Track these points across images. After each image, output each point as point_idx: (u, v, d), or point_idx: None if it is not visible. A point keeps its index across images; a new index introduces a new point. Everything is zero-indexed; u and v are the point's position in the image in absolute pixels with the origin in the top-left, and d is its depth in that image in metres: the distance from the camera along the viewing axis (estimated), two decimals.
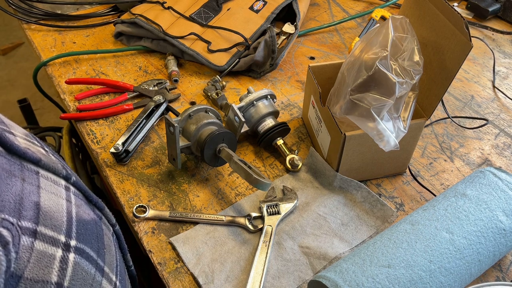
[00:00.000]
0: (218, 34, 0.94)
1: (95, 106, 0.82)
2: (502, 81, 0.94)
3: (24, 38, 0.93)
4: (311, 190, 0.69)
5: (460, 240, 0.52)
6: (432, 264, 0.50)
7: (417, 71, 0.58)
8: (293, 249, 0.61)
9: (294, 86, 0.90)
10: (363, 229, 0.64)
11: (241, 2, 1.02)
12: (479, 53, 1.02)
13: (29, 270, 0.30)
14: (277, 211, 0.64)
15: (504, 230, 0.54)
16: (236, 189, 0.69)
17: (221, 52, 0.91)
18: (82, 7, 1.08)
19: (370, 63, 0.59)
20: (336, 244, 0.61)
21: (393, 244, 0.52)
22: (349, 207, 0.66)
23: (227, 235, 0.62)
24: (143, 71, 0.92)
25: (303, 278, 0.58)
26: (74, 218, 0.37)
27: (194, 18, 0.97)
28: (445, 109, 0.81)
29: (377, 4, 1.17)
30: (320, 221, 0.64)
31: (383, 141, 0.58)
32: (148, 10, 0.97)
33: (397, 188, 0.70)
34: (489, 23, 1.11)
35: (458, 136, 0.80)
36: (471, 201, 0.56)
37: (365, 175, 0.70)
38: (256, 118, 0.74)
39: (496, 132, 0.81)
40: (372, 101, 0.58)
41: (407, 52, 0.58)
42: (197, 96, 0.87)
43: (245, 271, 0.58)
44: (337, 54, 1.00)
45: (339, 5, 1.18)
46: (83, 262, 0.36)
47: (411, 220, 0.55)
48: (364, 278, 0.48)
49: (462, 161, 0.75)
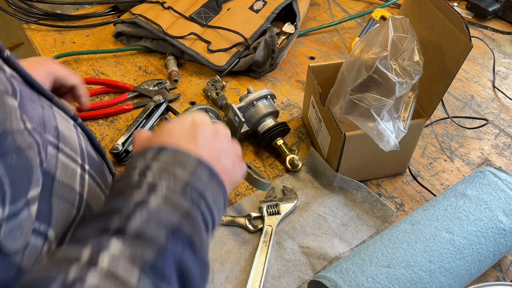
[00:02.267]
0: (218, 34, 0.94)
1: (95, 106, 0.82)
2: (502, 81, 0.94)
3: (24, 38, 0.93)
4: (311, 190, 0.69)
5: (460, 240, 0.52)
6: (432, 264, 0.50)
7: (417, 71, 0.58)
8: (293, 249, 0.61)
9: (294, 86, 0.90)
10: (363, 229, 0.64)
11: (241, 2, 1.02)
12: (479, 53, 1.02)
13: (58, 174, 0.36)
14: (277, 211, 0.64)
15: (504, 230, 0.54)
16: (236, 189, 0.69)
17: (221, 52, 0.91)
18: (82, 7, 1.08)
19: (370, 63, 0.58)
20: (336, 244, 0.61)
21: (393, 244, 0.52)
22: (349, 207, 0.66)
23: (227, 235, 0.62)
24: (143, 71, 0.92)
25: (303, 278, 0.58)
26: (85, 149, 0.42)
27: (194, 18, 0.97)
28: (445, 109, 0.81)
29: (377, 4, 1.17)
30: (320, 221, 0.64)
31: (383, 141, 0.58)
32: (148, 10, 0.97)
33: (397, 188, 0.70)
34: (489, 23, 1.11)
35: (458, 136, 0.80)
36: (471, 201, 0.56)
37: (365, 175, 0.70)
38: (256, 118, 0.74)
39: (496, 132, 0.81)
40: (372, 101, 0.58)
41: (407, 52, 0.58)
42: (197, 96, 0.87)
43: (245, 271, 0.58)
44: (337, 54, 1.00)
45: (339, 5, 1.18)
46: (95, 186, 0.42)
47: (411, 220, 0.55)
48: (364, 278, 0.48)
49: (462, 161, 0.75)
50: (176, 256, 0.33)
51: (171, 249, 0.33)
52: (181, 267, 0.33)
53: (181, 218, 0.35)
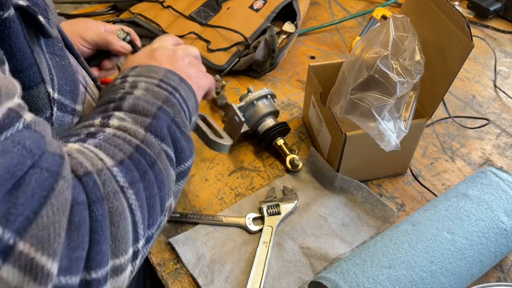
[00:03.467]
0: (217, 33, 0.93)
1: None
2: (504, 81, 0.94)
3: None
4: (311, 191, 0.69)
5: (461, 241, 0.52)
6: (433, 265, 0.50)
7: (418, 71, 0.58)
8: (294, 250, 0.60)
9: (294, 86, 0.90)
10: (364, 229, 0.63)
11: (241, 1, 1.02)
12: (480, 52, 1.01)
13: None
14: (277, 211, 0.64)
15: (506, 230, 0.54)
16: (236, 189, 0.69)
17: (220, 51, 0.90)
18: (81, 6, 1.08)
19: (371, 63, 0.58)
20: (337, 244, 0.61)
21: (394, 245, 0.51)
22: (349, 207, 0.66)
23: (227, 236, 0.62)
24: None
25: (303, 279, 0.57)
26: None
27: (193, 17, 0.96)
28: (446, 109, 0.81)
29: (378, 3, 1.17)
30: (320, 221, 0.64)
31: (384, 141, 0.57)
32: (148, 9, 0.97)
33: (398, 189, 0.70)
34: (490, 23, 1.11)
35: (459, 136, 0.80)
36: (473, 201, 0.56)
37: (366, 175, 0.70)
38: (256, 118, 0.73)
39: (498, 132, 0.81)
40: (373, 101, 0.58)
41: (408, 51, 0.58)
42: None
43: (245, 272, 0.58)
44: (337, 53, 1.00)
45: (339, 4, 1.17)
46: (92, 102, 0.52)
47: (412, 221, 0.55)
48: (365, 279, 0.48)
49: (463, 161, 0.75)
50: (167, 124, 0.41)
51: (162, 117, 0.41)
52: (172, 134, 0.42)
53: (162, 102, 0.43)
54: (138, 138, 0.38)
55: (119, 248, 0.33)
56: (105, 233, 0.31)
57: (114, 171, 0.34)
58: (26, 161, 0.27)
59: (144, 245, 0.37)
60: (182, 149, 0.43)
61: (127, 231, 0.33)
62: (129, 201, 0.34)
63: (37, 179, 0.27)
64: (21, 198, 0.25)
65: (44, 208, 0.26)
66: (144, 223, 0.36)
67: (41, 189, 0.27)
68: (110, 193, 0.33)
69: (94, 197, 0.31)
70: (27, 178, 0.26)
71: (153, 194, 0.37)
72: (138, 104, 0.41)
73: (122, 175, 0.35)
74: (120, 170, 0.35)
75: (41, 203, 0.26)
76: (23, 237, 0.25)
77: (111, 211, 0.32)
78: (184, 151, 0.43)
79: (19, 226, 0.25)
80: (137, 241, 0.35)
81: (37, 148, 0.28)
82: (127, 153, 0.37)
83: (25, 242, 0.25)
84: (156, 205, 0.38)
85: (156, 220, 0.38)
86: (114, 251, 0.32)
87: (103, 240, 0.31)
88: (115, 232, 0.32)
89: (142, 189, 0.36)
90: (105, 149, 0.36)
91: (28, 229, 0.25)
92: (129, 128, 0.38)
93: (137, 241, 0.35)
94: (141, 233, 0.36)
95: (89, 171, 0.33)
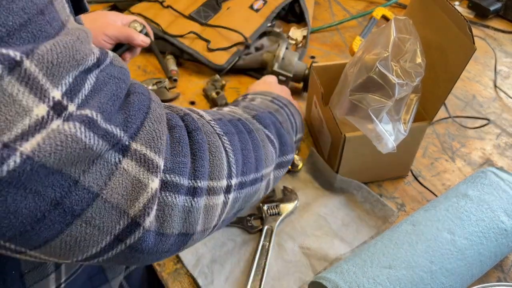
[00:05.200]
0: (217, 33, 0.93)
1: None
2: (504, 81, 0.94)
3: None
4: (311, 191, 0.69)
5: (462, 241, 0.52)
6: (433, 265, 0.50)
7: (418, 73, 0.58)
8: (294, 250, 0.60)
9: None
10: (364, 229, 0.63)
11: (241, 1, 1.01)
12: (481, 52, 1.01)
13: None
14: (277, 211, 0.64)
15: (506, 230, 0.54)
16: None
17: (220, 51, 0.90)
18: None
19: (371, 64, 0.58)
20: (337, 245, 0.61)
21: (394, 245, 0.52)
22: (349, 207, 0.66)
23: (227, 236, 0.62)
24: (142, 70, 0.92)
25: (303, 279, 0.57)
26: None
27: (193, 17, 0.96)
28: (447, 108, 0.81)
29: (378, 3, 1.16)
30: (320, 221, 0.64)
31: (381, 143, 0.57)
32: (147, 9, 0.97)
33: (398, 189, 0.70)
34: (491, 22, 1.11)
35: (459, 136, 0.80)
36: (473, 201, 0.56)
37: (366, 177, 0.69)
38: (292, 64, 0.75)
39: (498, 132, 0.81)
40: (371, 102, 0.57)
41: (409, 53, 0.58)
42: (197, 96, 0.86)
43: (245, 272, 0.58)
44: (337, 53, 1.00)
45: (339, 3, 1.17)
46: None
47: (412, 221, 0.55)
48: (365, 279, 0.48)
49: (463, 161, 0.75)
50: (273, 121, 0.50)
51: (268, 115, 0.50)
52: (277, 129, 0.50)
53: (273, 110, 0.53)
54: (242, 117, 0.45)
55: (214, 173, 0.38)
56: (205, 153, 0.37)
57: (211, 122, 0.41)
58: (123, 86, 0.33)
59: (238, 187, 0.41)
60: (285, 143, 0.51)
61: (222, 162, 0.39)
62: (224, 144, 0.40)
63: (138, 100, 0.33)
64: (132, 112, 0.32)
65: (146, 120, 0.33)
66: (237, 166, 0.41)
67: (142, 106, 0.33)
68: (207, 132, 0.39)
69: (193, 127, 0.38)
70: (131, 99, 0.33)
71: (247, 148, 0.43)
72: (251, 106, 0.51)
73: (218, 126, 0.41)
74: (217, 123, 0.41)
75: (144, 116, 0.33)
76: (135, 139, 0.32)
77: (209, 142, 0.38)
78: (287, 145, 0.51)
79: (133, 132, 0.32)
80: (230, 177, 0.40)
81: (126, 78, 0.34)
82: (226, 117, 0.43)
83: (137, 142, 0.32)
84: (250, 158, 0.43)
85: (249, 171, 0.43)
86: (210, 175, 0.37)
87: (203, 158, 0.37)
88: (211, 159, 0.38)
89: (237, 140, 0.42)
90: (207, 112, 0.43)
91: (138, 134, 0.32)
92: (237, 111, 0.47)
93: (230, 177, 0.40)
94: (234, 171, 0.40)
95: (188, 113, 0.39)
